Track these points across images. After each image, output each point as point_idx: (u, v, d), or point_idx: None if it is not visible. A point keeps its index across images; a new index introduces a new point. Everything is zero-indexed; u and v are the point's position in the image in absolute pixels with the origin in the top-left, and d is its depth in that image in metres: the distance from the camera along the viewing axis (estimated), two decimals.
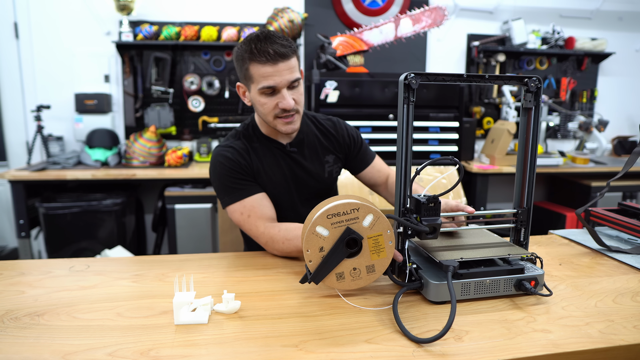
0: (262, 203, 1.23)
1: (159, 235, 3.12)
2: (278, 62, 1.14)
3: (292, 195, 1.35)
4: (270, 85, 1.16)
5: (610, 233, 1.40)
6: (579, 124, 3.48)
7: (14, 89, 3.04)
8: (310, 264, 0.87)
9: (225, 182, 1.23)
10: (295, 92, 1.20)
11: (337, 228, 0.86)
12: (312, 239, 0.86)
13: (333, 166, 1.41)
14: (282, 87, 1.17)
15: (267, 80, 1.15)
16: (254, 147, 1.31)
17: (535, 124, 0.98)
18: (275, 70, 1.14)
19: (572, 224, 3.14)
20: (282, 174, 1.32)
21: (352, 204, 0.85)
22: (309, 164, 1.36)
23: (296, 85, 1.20)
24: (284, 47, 1.14)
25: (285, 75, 1.16)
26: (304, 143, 1.36)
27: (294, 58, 1.17)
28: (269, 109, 1.20)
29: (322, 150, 1.39)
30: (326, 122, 1.43)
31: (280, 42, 1.15)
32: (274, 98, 1.19)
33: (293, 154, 1.34)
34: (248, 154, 1.28)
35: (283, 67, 1.15)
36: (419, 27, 2.87)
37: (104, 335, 0.77)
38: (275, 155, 1.32)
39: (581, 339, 0.76)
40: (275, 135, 1.32)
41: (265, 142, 1.32)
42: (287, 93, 1.18)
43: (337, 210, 0.85)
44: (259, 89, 1.17)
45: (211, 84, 3.16)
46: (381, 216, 0.87)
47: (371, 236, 0.87)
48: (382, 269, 0.90)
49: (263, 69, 1.14)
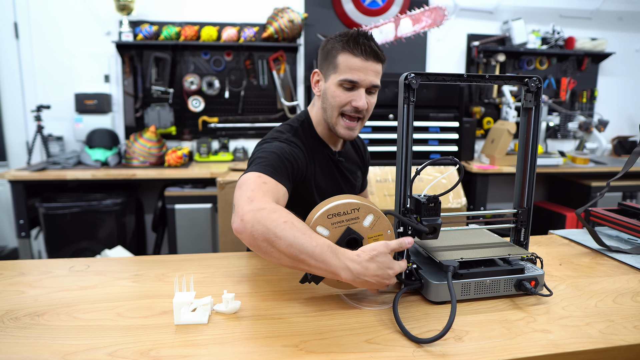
0: (284, 193, 1.01)
1: (159, 235, 3.12)
2: (369, 60, 1.12)
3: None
4: (354, 79, 1.12)
5: (610, 233, 1.40)
6: (579, 124, 3.48)
7: (14, 89, 3.04)
8: None
9: (273, 157, 1.05)
10: (370, 98, 1.17)
11: (338, 228, 0.85)
12: None
13: (359, 181, 1.42)
14: (362, 86, 1.14)
15: (352, 73, 1.12)
16: (314, 150, 1.22)
17: (535, 124, 0.98)
18: (364, 66, 1.12)
19: (572, 224, 3.14)
20: (332, 181, 1.28)
21: (353, 204, 0.85)
22: (349, 175, 1.34)
23: (373, 92, 1.18)
24: (380, 50, 1.15)
25: (371, 75, 1.14)
26: (346, 154, 1.35)
27: (382, 66, 1.16)
28: (340, 103, 1.15)
29: (355, 164, 1.39)
30: (358, 139, 1.43)
31: (378, 45, 1.15)
32: (350, 94, 1.14)
33: (340, 163, 1.30)
34: (304, 156, 1.17)
35: (371, 67, 1.13)
36: (419, 27, 2.87)
37: (104, 335, 0.77)
38: (327, 162, 1.26)
39: (581, 339, 0.76)
40: (328, 139, 1.26)
41: (320, 146, 1.25)
42: (364, 93, 1.15)
43: (337, 210, 0.85)
44: (340, 79, 1.13)
45: (211, 84, 3.16)
46: (382, 216, 0.87)
47: (372, 236, 0.87)
48: None
49: (353, 61, 1.12)
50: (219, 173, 2.61)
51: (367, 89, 1.14)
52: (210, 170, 2.76)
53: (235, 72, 3.22)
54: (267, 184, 0.96)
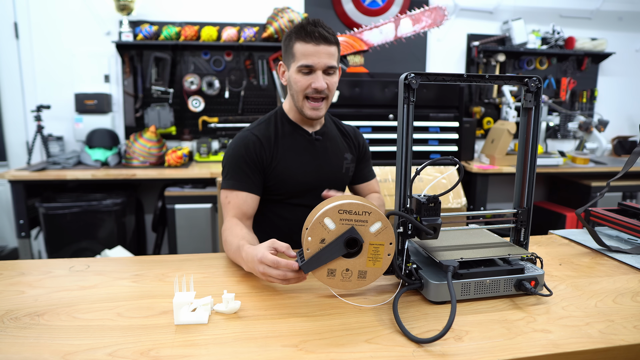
0: (245, 200, 1.28)
1: (159, 235, 3.11)
2: (320, 44, 1.23)
3: (310, 183, 1.39)
4: (309, 64, 1.24)
5: (610, 233, 1.40)
6: (579, 124, 3.48)
7: (14, 89, 3.04)
8: (307, 252, 0.87)
9: (231, 165, 1.30)
10: (329, 78, 1.28)
11: (344, 225, 0.86)
12: (317, 229, 0.85)
13: (350, 164, 1.47)
14: (318, 69, 1.25)
15: (306, 58, 1.24)
16: (283, 132, 1.36)
17: (535, 124, 0.98)
18: (315, 50, 1.23)
19: (572, 224, 3.14)
20: (304, 160, 1.37)
21: (366, 207, 0.85)
22: (330, 155, 1.42)
23: (332, 72, 1.28)
24: (329, 33, 1.25)
25: (324, 58, 1.24)
26: (328, 135, 1.43)
27: (334, 47, 1.27)
28: (301, 87, 1.27)
29: (342, 147, 1.46)
30: (347, 126, 1.52)
31: (326, 29, 1.25)
32: (308, 77, 1.26)
33: (317, 142, 1.40)
34: (269, 142, 1.33)
35: (323, 50, 1.24)
36: (419, 27, 2.87)
37: (104, 335, 0.77)
38: (300, 141, 1.38)
39: (581, 339, 0.76)
40: (301, 122, 1.38)
41: (292, 128, 1.38)
42: (321, 75, 1.25)
43: (350, 208, 0.85)
44: (297, 66, 1.25)
45: (211, 84, 3.16)
46: (389, 227, 0.87)
47: (373, 243, 0.87)
48: (373, 279, 0.90)
49: (305, 48, 1.23)
50: (219, 173, 2.61)
51: (324, 70, 1.26)
52: (210, 170, 2.76)
53: (235, 72, 3.22)
54: (230, 201, 1.26)
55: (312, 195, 1.39)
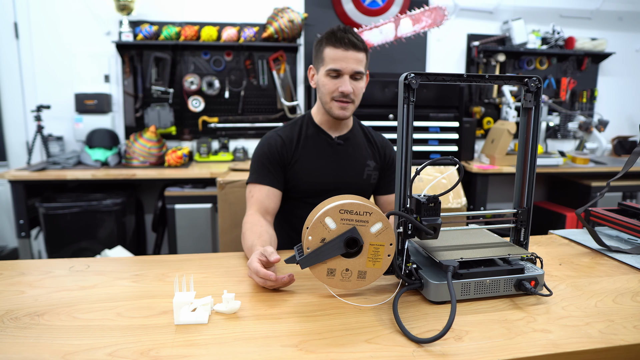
0: (267, 194, 1.34)
1: (159, 235, 3.11)
2: (349, 50, 1.28)
3: (329, 185, 1.40)
4: (337, 68, 1.29)
5: (610, 233, 1.40)
6: (579, 124, 3.48)
7: (14, 89, 3.04)
8: (307, 251, 0.87)
9: (255, 162, 1.39)
10: (356, 83, 1.33)
11: (345, 225, 0.86)
12: (318, 228, 0.86)
13: (372, 171, 1.48)
14: (346, 73, 1.30)
15: (335, 63, 1.29)
16: (306, 134, 1.42)
17: (535, 124, 0.98)
18: (344, 55, 1.28)
19: (572, 224, 3.14)
20: (324, 162, 1.41)
21: (367, 207, 0.85)
22: (351, 160, 1.44)
23: (359, 78, 1.33)
24: (358, 40, 1.30)
25: (352, 63, 1.29)
26: (351, 141, 1.45)
27: (363, 54, 1.32)
28: (329, 90, 1.32)
29: (365, 154, 1.47)
30: (376, 135, 1.54)
31: (356, 37, 1.31)
32: (336, 81, 1.31)
33: (339, 146, 1.43)
34: (291, 143, 1.40)
35: (351, 56, 1.29)
36: (419, 27, 2.87)
37: (104, 335, 0.77)
38: (322, 145, 1.42)
39: (581, 339, 0.76)
40: (327, 126, 1.43)
41: (315, 131, 1.43)
42: (348, 80, 1.31)
43: (351, 208, 0.85)
44: (326, 70, 1.31)
45: (211, 84, 3.16)
46: (390, 228, 0.87)
47: (374, 243, 0.87)
48: (373, 279, 0.90)
49: (335, 52, 1.29)
50: (219, 173, 2.61)
51: (351, 75, 1.31)
52: (210, 170, 2.76)
53: (235, 72, 3.22)
54: (253, 195, 1.33)
55: (330, 197, 1.39)
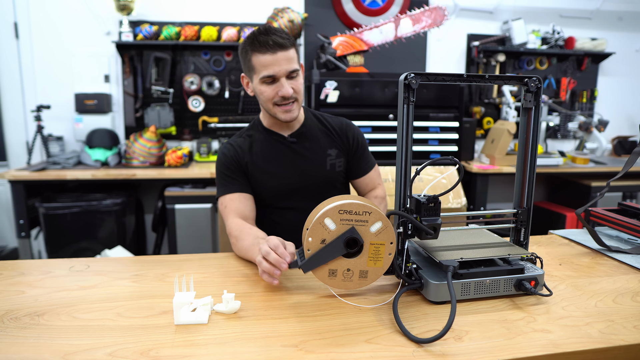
0: (239, 200, 1.31)
1: (159, 235, 3.11)
2: (277, 52, 1.21)
3: (292, 185, 1.38)
4: (270, 74, 1.23)
5: (610, 233, 1.40)
6: (579, 124, 3.48)
7: (14, 89, 3.04)
8: (307, 253, 0.87)
9: (218, 176, 1.36)
10: (294, 82, 1.27)
11: (344, 225, 0.86)
12: (318, 229, 0.85)
13: (335, 160, 1.44)
14: (281, 76, 1.24)
15: (267, 69, 1.23)
16: (257, 139, 1.39)
17: (535, 124, 0.98)
18: (274, 59, 1.22)
19: (572, 224, 3.14)
20: (281, 164, 1.37)
21: (366, 207, 0.85)
22: (309, 155, 1.40)
23: (295, 75, 1.27)
24: (283, 38, 1.22)
25: (284, 65, 1.23)
26: (305, 135, 1.41)
27: (292, 50, 1.25)
28: (269, 97, 1.27)
29: (324, 144, 1.42)
30: (333, 120, 1.47)
31: (279, 34, 1.23)
32: (273, 87, 1.26)
33: (293, 144, 1.39)
34: (243, 151, 1.36)
35: (282, 57, 1.22)
36: (419, 27, 2.87)
37: (104, 335, 0.77)
38: (275, 146, 1.38)
39: (581, 339, 0.76)
40: (276, 127, 1.39)
41: (267, 135, 1.39)
42: (285, 82, 1.25)
43: (350, 208, 0.85)
44: (260, 78, 1.25)
45: (211, 84, 3.16)
46: (389, 227, 0.87)
47: (374, 243, 0.87)
48: (375, 278, 0.90)
49: (263, 59, 1.22)
50: None
51: (286, 76, 1.25)
52: (210, 170, 2.76)
53: (235, 72, 3.22)
54: (227, 205, 1.30)
55: (299, 197, 1.38)
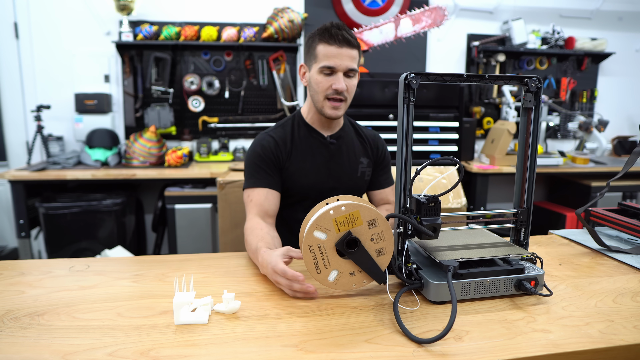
0: (266, 196, 1.31)
1: (159, 235, 3.11)
2: (343, 47, 1.26)
3: (323, 185, 1.40)
4: (330, 65, 1.26)
5: (610, 233, 1.40)
6: (579, 124, 3.48)
7: (14, 89, 3.04)
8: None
9: (250, 166, 1.36)
10: (349, 80, 1.30)
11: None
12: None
13: (366, 168, 1.47)
14: (340, 70, 1.27)
15: (328, 60, 1.26)
16: (298, 133, 1.40)
17: (535, 124, 0.98)
18: (338, 52, 1.26)
19: (572, 224, 3.14)
20: (317, 163, 1.39)
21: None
22: (344, 159, 1.42)
23: (352, 75, 1.31)
24: (352, 37, 1.28)
25: (346, 60, 1.27)
26: (343, 139, 1.44)
27: (356, 51, 1.29)
28: (323, 88, 1.29)
29: (358, 151, 1.46)
30: (367, 131, 1.52)
31: (350, 33, 1.28)
32: (329, 79, 1.28)
33: (331, 145, 1.41)
34: (285, 143, 1.37)
35: (345, 53, 1.26)
36: (419, 27, 2.87)
37: (104, 335, 0.77)
38: (314, 144, 1.40)
39: (581, 339, 0.76)
40: (318, 124, 1.40)
41: (307, 131, 1.40)
42: (342, 77, 1.28)
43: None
44: (319, 67, 1.28)
45: (211, 84, 3.16)
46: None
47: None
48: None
49: (328, 49, 1.26)
50: (219, 173, 2.61)
51: (344, 72, 1.28)
52: (210, 170, 2.76)
53: (235, 72, 3.22)
54: (252, 199, 1.30)
55: (327, 197, 1.38)
